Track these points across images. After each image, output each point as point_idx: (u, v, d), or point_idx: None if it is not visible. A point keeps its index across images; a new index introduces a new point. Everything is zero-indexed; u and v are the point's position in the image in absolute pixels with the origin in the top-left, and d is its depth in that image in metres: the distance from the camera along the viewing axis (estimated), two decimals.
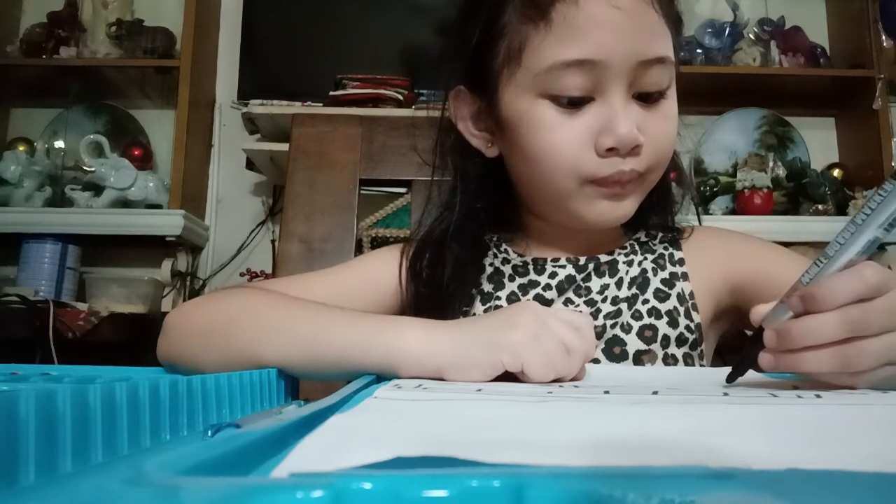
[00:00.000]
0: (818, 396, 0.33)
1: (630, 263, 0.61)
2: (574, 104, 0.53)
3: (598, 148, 0.53)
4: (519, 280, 0.62)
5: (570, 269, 0.61)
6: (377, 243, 1.60)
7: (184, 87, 1.81)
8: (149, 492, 0.16)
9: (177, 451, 0.21)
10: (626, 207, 0.57)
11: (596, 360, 0.57)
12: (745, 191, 1.82)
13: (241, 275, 1.89)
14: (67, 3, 1.93)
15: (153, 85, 1.93)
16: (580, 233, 0.61)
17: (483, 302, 0.62)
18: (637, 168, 0.54)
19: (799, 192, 1.84)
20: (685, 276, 0.60)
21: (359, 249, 0.89)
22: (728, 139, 1.99)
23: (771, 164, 1.89)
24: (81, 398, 0.20)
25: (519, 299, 0.60)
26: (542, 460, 0.19)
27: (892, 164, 1.79)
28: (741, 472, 0.17)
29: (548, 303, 0.59)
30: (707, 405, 0.30)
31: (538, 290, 0.61)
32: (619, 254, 0.62)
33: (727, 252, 0.62)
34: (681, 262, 0.61)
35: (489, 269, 0.64)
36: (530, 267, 0.62)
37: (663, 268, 0.61)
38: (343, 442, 0.21)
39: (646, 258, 0.62)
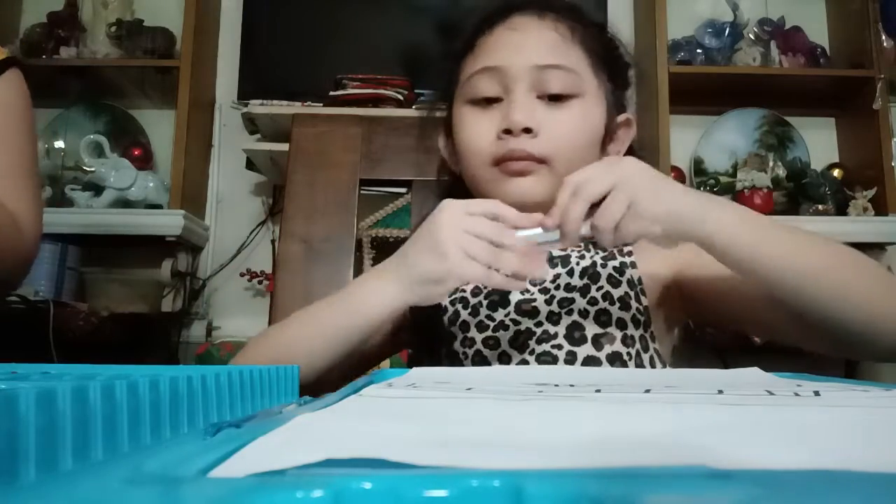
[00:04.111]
0: (817, 394, 0.32)
1: (582, 257, 0.69)
2: (487, 102, 0.67)
3: (497, 132, 0.65)
4: None
5: None
6: (377, 243, 1.60)
7: (184, 87, 1.81)
8: (149, 491, 0.16)
9: (177, 451, 0.21)
10: (528, 184, 0.65)
11: (559, 346, 0.63)
12: (745, 191, 1.82)
13: (241, 275, 1.89)
14: (67, 3, 1.94)
15: (153, 85, 1.94)
16: None
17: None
18: (529, 149, 0.64)
19: (799, 192, 1.84)
20: (633, 265, 0.68)
21: (359, 249, 0.90)
22: (728, 139, 1.99)
23: (771, 164, 1.89)
24: (82, 395, 0.20)
25: (480, 289, 0.69)
26: (489, 463, 0.18)
27: (892, 163, 1.79)
28: (740, 473, 0.17)
29: (505, 293, 0.67)
30: (701, 404, 0.30)
31: None
32: (573, 252, 0.69)
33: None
34: (629, 253, 0.69)
35: None
36: None
37: (613, 258, 0.68)
38: (289, 442, 0.21)
39: (597, 253, 0.69)
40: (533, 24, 0.68)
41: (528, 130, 0.64)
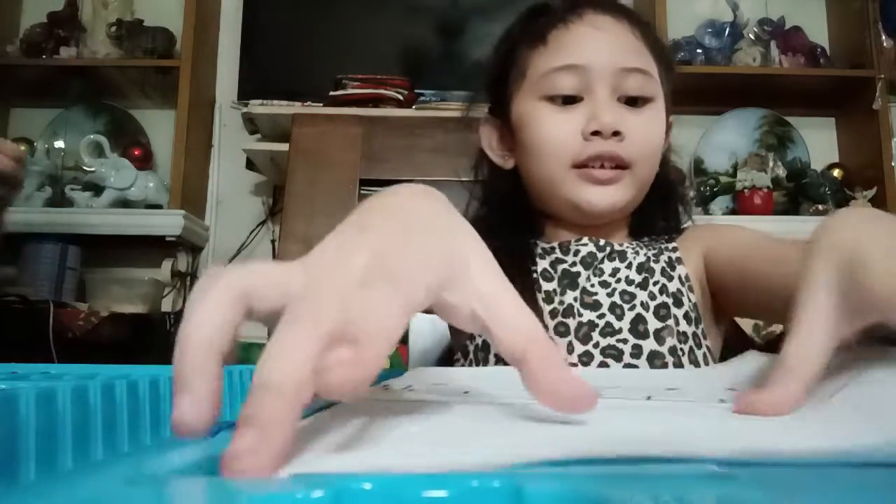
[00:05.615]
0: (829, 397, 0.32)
1: (636, 253, 0.68)
2: (566, 102, 0.65)
3: (584, 133, 0.63)
4: (549, 258, 0.68)
5: (591, 247, 0.68)
6: None
7: (184, 87, 1.81)
8: (149, 491, 0.16)
9: (177, 451, 0.21)
10: (614, 195, 0.64)
11: (624, 341, 0.62)
12: (745, 191, 1.82)
13: None
14: (67, 3, 1.94)
15: (153, 85, 1.93)
16: (587, 230, 0.68)
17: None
18: (618, 151, 0.63)
19: (799, 192, 1.84)
20: (680, 261, 0.68)
21: None
22: (728, 139, 1.99)
23: (771, 164, 1.89)
24: (82, 395, 0.20)
25: (552, 277, 0.67)
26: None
27: (892, 163, 1.79)
28: (740, 473, 0.17)
29: (574, 276, 0.66)
30: (704, 412, 0.29)
31: (565, 266, 0.67)
32: (627, 247, 0.69)
33: (701, 237, 0.70)
34: (674, 249, 0.69)
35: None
36: (557, 250, 0.69)
37: (661, 253, 0.68)
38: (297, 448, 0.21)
39: (649, 249, 0.69)
40: (612, 24, 0.66)
41: (616, 133, 0.63)
